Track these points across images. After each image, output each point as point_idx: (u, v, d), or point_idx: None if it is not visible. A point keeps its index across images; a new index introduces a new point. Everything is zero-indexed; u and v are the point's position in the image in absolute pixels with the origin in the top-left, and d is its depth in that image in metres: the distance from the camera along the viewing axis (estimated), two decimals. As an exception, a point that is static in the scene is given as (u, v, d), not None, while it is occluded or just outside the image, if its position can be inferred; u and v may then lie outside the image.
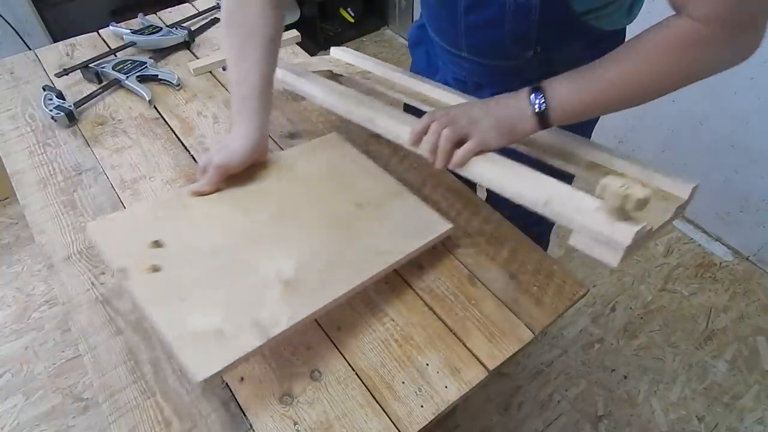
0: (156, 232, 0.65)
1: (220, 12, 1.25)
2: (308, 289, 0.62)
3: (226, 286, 0.61)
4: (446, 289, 0.72)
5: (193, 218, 0.68)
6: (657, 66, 0.58)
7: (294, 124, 0.97)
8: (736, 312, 1.61)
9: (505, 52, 0.74)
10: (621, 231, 0.54)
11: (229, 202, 0.72)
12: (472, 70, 0.82)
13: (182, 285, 0.60)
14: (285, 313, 0.58)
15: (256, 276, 0.62)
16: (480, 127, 0.66)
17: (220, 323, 0.56)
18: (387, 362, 0.64)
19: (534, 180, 0.63)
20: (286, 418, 0.59)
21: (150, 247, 0.63)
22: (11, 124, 0.96)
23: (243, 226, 0.68)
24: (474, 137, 0.65)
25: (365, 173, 0.81)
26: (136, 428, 0.59)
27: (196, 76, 1.07)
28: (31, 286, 1.66)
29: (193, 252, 0.64)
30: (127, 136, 0.94)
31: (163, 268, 0.61)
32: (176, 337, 0.54)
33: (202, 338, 0.55)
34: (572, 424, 1.37)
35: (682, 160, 1.76)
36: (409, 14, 2.61)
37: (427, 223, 0.74)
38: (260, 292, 0.61)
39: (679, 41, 0.56)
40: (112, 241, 0.64)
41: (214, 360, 0.53)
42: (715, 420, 1.38)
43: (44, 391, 1.41)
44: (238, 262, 0.64)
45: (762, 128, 1.51)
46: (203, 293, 0.59)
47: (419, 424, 0.59)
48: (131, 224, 0.66)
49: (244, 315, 0.58)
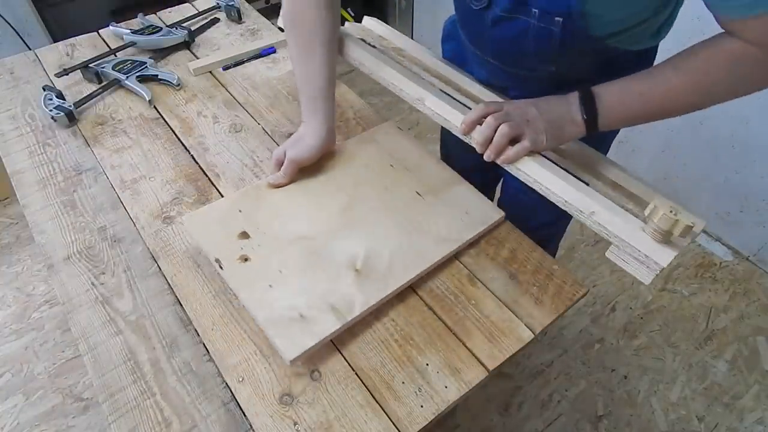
0: (241, 223, 0.73)
1: (220, 12, 1.25)
2: (377, 276, 0.68)
3: (307, 273, 0.68)
4: (446, 289, 0.72)
5: (273, 210, 0.76)
6: (707, 77, 0.60)
7: (294, 125, 0.97)
8: (736, 312, 1.61)
9: (528, 65, 0.75)
10: (662, 253, 0.57)
11: (303, 193, 0.79)
12: (495, 74, 0.83)
13: (269, 273, 0.68)
14: (358, 300, 0.66)
15: (332, 264, 0.69)
16: (534, 127, 0.68)
17: (302, 308, 0.64)
18: (387, 362, 0.64)
19: (582, 189, 0.65)
20: (286, 418, 0.59)
21: (239, 239, 0.71)
22: (11, 124, 0.96)
23: (318, 216, 0.75)
24: (528, 137, 0.68)
25: (422, 162, 0.85)
26: (136, 428, 0.59)
27: (196, 76, 1.07)
28: (31, 286, 1.65)
29: (276, 241, 0.72)
30: (127, 136, 0.94)
31: (251, 257, 0.69)
32: (266, 319, 0.63)
33: (288, 322, 0.63)
34: (572, 424, 1.37)
35: (682, 160, 1.76)
36: (409, 14, 2.61)
37: (482, 211, 0.79)
38: (336, 279, 0.68)
39: (733, 56, 0.58)
40: (206, 233, 0.72)
41: (300, 342, 0.61)
42: (715, 420, 1.38)
43: (44, 391, 1.41)
44: (315, 251, 0.71)
45: (762, 128, 1.51)
46: (287, 280, 0.67)
47: (419, 424, 0.59)
48: (219, 217, 0.74)
49: (322, 300, 0.65)
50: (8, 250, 1.75)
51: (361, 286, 0.67)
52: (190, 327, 0.68)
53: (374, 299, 0.66)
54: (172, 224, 0.79)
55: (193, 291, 0.71)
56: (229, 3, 1.22)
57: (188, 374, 0.63)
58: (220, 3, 1.24)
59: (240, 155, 0.90)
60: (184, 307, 0.69)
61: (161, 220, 0.80)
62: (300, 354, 0.60)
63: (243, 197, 0.77)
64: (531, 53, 0.71)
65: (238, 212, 0.75)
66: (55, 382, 1.43)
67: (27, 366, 1.46)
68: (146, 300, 0.71)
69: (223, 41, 1.17)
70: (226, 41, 1.17)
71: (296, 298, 0.65)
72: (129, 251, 0.76)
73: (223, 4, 1.23)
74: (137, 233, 0.79)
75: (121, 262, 0.75)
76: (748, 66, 0.58)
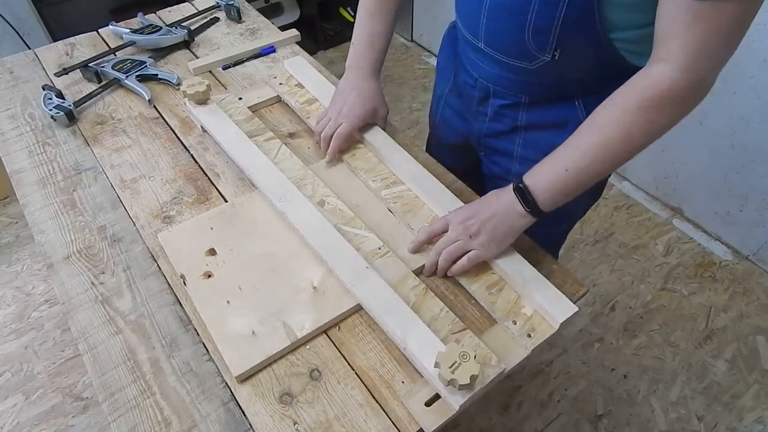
0: (211, 241, 0.74)
1: (220, 11, 1.25)
2: (334, 294, 0.68)
3: (265, 290, 0.69)
4: (446, 289, 0.72)
5: (245, 227, 0.76)
6: (626, 128, 0.61)
7: (294, 124, 0.96)
8: (736, 311, 1.61)
9: (522, 50, 0.70)
10: (452, 398, 0.59)
11: (272, 211, 0.78)
12: (485, 70, 0.79)
13: (229, 289, 0.69)
14: (310, 318, 0.66)
15: (290, 282, 0.70)
16: (478, 241, 0.69)
17: (254, 325, 0.65)
18: (387, 362, 0.64)
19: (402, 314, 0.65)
20: (285, 418, 0.59)
21: (205, 255, 0.72)
22: (11, 123, 0.96)
23: (288, 235, 0.75)
24: (474, 251, 0.69)
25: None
26: (136, 428, 0.59)
27: (196, 75, 1.07)
28: (31, 286, 1.66)
29: (240, 258, 0.72)
30: (127, 135, 0.94)
31: (214, 274, 0.70)
32: (219, 334, 0.64)
33: (240, 338, 0.64)
34: (572, 424, 1.37)
35: (681, 159, 1.76)
36: (409, 14, 2.61)
37: None
38: (292, 297, 0.68)
39: (648, 98, 0.59)
40: (177, 249, 0.73)
41: (248, 358, 0.62)
42: (714, 419, 1.38)
43: (44, 391, 1.41)
44: (276, 268, 0.71)
45: (762, 128, 1.51)
46: (245, 296, 0.68)
47: (419, 424, 0.59)
48: (191, 234, 0.75)
49: (276, 318, 0.66)
50: (8, 249, 1.75)
51: (316, 304, 0.67)
52: (190, 326, 0.68)
53: (327, 318, 0.66)
54: (171, 224, 0.79)
55: (193, 290, 0.71)
56: (229, 2, 1.22)
57: (188, 374, 0.63)
58: (220, 2, 1.24)
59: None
60: (184, 306, 0.69)
61: (161, 219, 0.80)
62: (247, 369, 0.61)
63: (218, 215, 0.78)
64: (529, 29, 0.67)
65: (210, 229, 0.76)
66: (55, 382, 1.43)
67: (27, 365, 1.46)
68: (146, 299, 0.71)
69: (222, 40, 1.17)
70: (225, 40, 1.17)
71: (251, 314, 0.66)
72: (129, 251, 0.76)
73: (222, 4, 1.23)
74: (137, 233, 0.79)
75: (121, 261, 0.75)
76: (666, 101, 0.59)
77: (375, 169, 0.85)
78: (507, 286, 0.70)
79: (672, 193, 1.86)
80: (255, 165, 0.82)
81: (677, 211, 1.87)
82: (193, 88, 0.89)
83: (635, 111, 0.60)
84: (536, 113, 0.79)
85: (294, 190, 0.78)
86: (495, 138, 0.86)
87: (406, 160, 0.84)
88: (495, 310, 0.67)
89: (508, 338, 0.66)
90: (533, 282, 0.68)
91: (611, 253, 1.75)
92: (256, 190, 0.81)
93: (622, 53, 0.67)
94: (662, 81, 0.57)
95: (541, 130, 0.80)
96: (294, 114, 0.98)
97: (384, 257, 0.71)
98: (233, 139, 0.86)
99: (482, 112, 0.84)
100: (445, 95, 0.94)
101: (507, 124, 0.82)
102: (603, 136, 0.62)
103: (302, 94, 0.98)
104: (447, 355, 0.57)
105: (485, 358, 0.61)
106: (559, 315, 0.65)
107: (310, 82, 0.98)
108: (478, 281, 0.71)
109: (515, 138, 0.83)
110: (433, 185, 0.80)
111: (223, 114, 0.90)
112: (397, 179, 0.83)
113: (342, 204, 0.78)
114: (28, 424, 1.35)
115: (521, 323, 0.66)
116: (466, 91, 0.86)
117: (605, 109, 0.63)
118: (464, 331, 0.64)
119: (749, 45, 1.43)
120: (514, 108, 0.80)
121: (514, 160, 0.85)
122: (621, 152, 0.63)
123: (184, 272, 0.70)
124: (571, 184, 0.65)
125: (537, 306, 0.67)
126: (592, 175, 0.65)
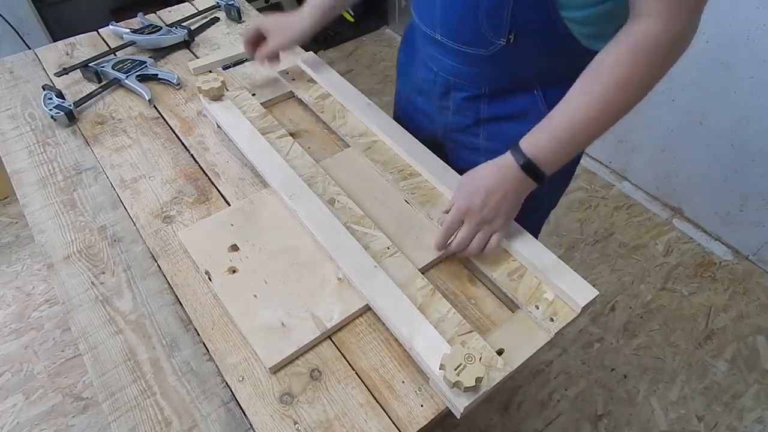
0: (232, 237, 0.75)
1: (220, 11, 1.25)
2: (358, 285, 0.68)
3: (291, 282, 0.70)
4: (446, 289, 0.72)
5: (264, 222, 0.77)
6: (619, 80, 0.61)
7: (294, 124, 0.97)
8: (736, 311, 1.61)
9: (476, 35, 0.71)
10: (457, 401, 0.58)
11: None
12: (444, 62, 0.80)
13: (255, 284, 0.70)
14: (338, 308, 0.67)
15: (315, 274, 0.71)
16: (497, 224, 0.70)
17: (283, 317, 0.66)
18: (387, 362, 0.64)
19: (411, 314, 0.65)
20: (286, 418, 0.59)
21: (228, 251, 0.73)
22: (11, 123, 0.96)
23: (304, 229, 0.76)
24: (495, 236, 0.70)
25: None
26: (136, 428, 0.59)
27: (196, 75, 1.07)
28: (31, 286, 1.66)
29: (264, 253, 0.73)
30: (127, 135, 0.94)
31: (239, 269, 0.71)
32: (249, 328, 0.65)
33: (269, 330, 0.65)
34: (572, 424, 1.37)
35: (681, 159, 1.76)
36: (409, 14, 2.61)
37: None
38: (318, 289, 0.69)
39: (636, 51, 0.59)
40: (199, 247, 0.74)
41: (280, 350, 0.63)
42: (714, 419, 1.38)
43: (44, 391, 1.41)
44: (300, 261, 0.72)
45: (762, 128, 1.51)
46: (271, 290, 0.69)
47: (419, 424, 0.59)
48: (212, 231, 0.76)
49: (304, 309, 0.67)
50: (8, 249, 1.75)
51: (342, 295, 0.68)
52: (190, 326, 0.68)
53: (355, 307, 0.67)
54: (172, 224, 0.79)
55: (193, 291, 0.71)
56: (229, 2, 1.22)
57: (188, 373, 0.63)
58: (220, 2, 1.24)
59: (240, 155, 0.90)
60: (184, 306, 0.69)
61: (161, 219, 0.80)
62: (279, 361, 0.62)
63: (237, 211, 0.79)
64: (482, 13, 0.68)
65: (230, 226, 0.76)
66: (55, 382, 1.43)
67: (27, 365, 1.46)
68: (146, 299, 0.71)
69: (222, 40, 1.17)
70: (225, 40, 1.17)
71: (279, 307, 0.67)
72: (129, 251, 0.76)
73: (222, 4, 1.23)
74: (137, 233, 0.79)
75: (121, 261, 0.75)
76: (652, 52, 0.59)
77: (392, 161, 0.86)
78: (527, 272, 0.71)
79: (672, 193, 1.86)
80: (267, 162, 0.83)
81: (677, 211, 1.87)
82: (208, 84, 0.90)
83: (625, 63, 0.60)
84: (497, 105, 0.80)
85: (305, 188, 0.79)
86: (460, 133, 0.87)
87: (422, 152, 0.85)
88: (517, 295, 0.68)
89: (531, 323, 0.67)
90: (553, 267, 0.69)
91: (611, 253, 1.75)
92: (271, 187, 0.82)
93: (576, 36, 0.68)
94: (647, 32, 0.59)
95: (503, 122, 0.81)
96: (306, 110, 0.99)
97: (392, 257, 0.72)
98: (247, 136, 0.87)
99: (445, 106, 0.85)
100: (407, 93, 0.95)
101: (470, 117, 0.83)
102: (594, 94, 0.63)
103: (315, 89, 0.98)
104: (452, 357, 0.57)
105: (491, 361, 0.61)
106: (580, 299, 0.66)
107: (323, 78, 0.99)
108: (500, 268, 0.72)
109: (479, 131, 0.84)
110: (450, 176, 0.81)
111: (237, 111, 0.91)
112: (414, 171, 0.84)
113: (352, 202, 0.79)
114: (28, 424, 1.35)
115: (543, 308, 0.67)
116: (427, 87, 0.87)
117: (591, 68, 0.63)
118: (471, 333, 0.64)
119: (749, 45, 1.43)
120: (475, 100, 0.81)
121: (480, 153, 0.86)
122: (617, 102, 0.63)
123: (208, 268, 0.71)
124: (570, 147, 0.66)
125: (558, 291, 0.68)
126: (590, 134, 0.66)
